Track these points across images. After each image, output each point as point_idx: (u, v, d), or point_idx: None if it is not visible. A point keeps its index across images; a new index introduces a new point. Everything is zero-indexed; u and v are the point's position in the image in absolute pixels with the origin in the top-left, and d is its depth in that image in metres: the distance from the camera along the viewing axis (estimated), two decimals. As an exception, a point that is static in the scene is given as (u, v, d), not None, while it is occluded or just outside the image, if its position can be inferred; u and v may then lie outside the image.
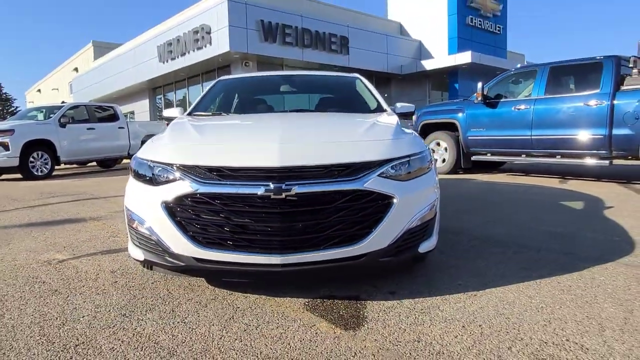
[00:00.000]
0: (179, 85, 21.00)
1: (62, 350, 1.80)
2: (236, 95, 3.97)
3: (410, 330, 1.93)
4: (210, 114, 3.45)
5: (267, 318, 2.08)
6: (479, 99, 7.62)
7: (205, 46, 16.09)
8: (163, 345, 1.83)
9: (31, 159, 10.44)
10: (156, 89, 22.91)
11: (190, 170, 2.13)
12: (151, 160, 2.27)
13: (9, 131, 10.29)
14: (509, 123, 7.26)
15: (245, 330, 1.96)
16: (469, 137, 7.95)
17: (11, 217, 5.02)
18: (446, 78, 20.44)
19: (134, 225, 2.29)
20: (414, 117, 9.20)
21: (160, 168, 2.21)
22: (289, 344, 1.83)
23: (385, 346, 1.80)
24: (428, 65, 19.97)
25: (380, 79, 20.78)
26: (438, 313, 2.10)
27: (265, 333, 1.93)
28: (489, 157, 7.85)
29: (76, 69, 32.99)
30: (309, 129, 2.68)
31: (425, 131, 8.76)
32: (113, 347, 1.82)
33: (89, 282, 2.64)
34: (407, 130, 2.75)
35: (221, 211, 2.06)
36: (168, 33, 18.33)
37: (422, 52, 21.43)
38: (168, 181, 2.16)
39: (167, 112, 3.61)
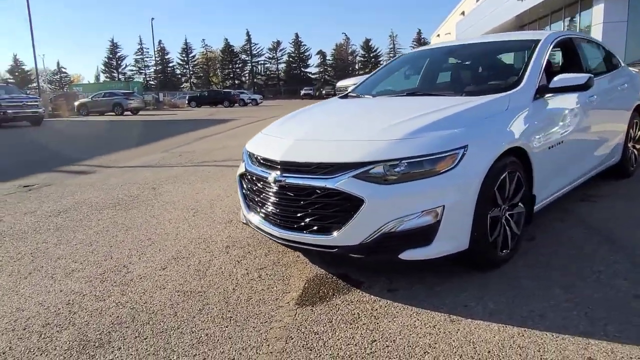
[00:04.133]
0: (542, 23, 19.22)
1: (175, 258, 3.06)
2: (391, 73, 4.06)
3: (331, 325, 2.11)
4: (355, 95, 3.83)
5: (277, 276, 2.67)
6: None
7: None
8: (214, 271, 2.79)
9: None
10: (523, 26, 21.80)
11: (249, 155, 2.87)
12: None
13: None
14: None
15: (251, 279, 2.65)
16: None
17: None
18: None
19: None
20: None
21: (245, 150, 3.04)
22: (250, 296, 2.42)
23: (290, 327, 2.11)
24: None
25: None
26: (382, 322, 2.09)
27: (254, 285, 2.56)
28: None
29: (462, 13, 34.78)
30: (342, 126, 2.79)
31: None
32: (190, 264, 2.93)
33: (251, 219, 3.84)
34: (458, 124, 2.42)
35: (254, 187, 2.75)
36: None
37: None
38: (244, 161, 2.98)
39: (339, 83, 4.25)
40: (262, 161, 2.70)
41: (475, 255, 2.39)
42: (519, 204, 2.63)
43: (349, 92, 3.93)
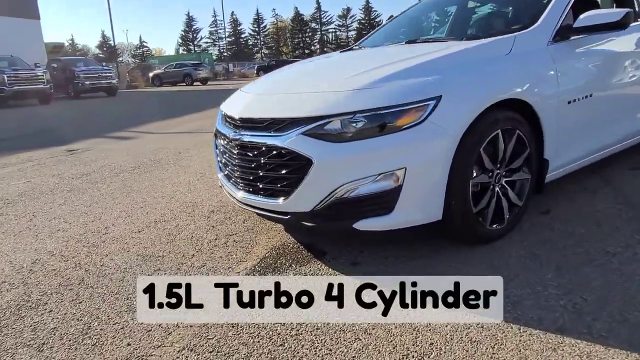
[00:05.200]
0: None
1: (156, 221, 2.97)
2: (408, 21, 3.55)
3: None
4: (358, 47, 3.41)
5: (243, 243, 2.47)
6: None
7: None
8: (185, 236, 2.66)
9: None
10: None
11: (222, 114, 2.65)
12: None
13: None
14: None
15: (215, 246, 2.47)
16: None
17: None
18: None
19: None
20: None
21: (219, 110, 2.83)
22: (204, 263, 2.25)
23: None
24: None
25: None
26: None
27: (215, 252, 2.39)
28: None
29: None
30: (309, 79, 2.47)
31: None
32: (167, 227, 2.82)
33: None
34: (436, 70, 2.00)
35: (221, 147, 2.53)
36: None
37: None
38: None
39: None
40: (227, 119, 2.47)
41: (452, 228, 2.01)
42: (522, 169, 2.19)
43: (354, 45, 3.55)
